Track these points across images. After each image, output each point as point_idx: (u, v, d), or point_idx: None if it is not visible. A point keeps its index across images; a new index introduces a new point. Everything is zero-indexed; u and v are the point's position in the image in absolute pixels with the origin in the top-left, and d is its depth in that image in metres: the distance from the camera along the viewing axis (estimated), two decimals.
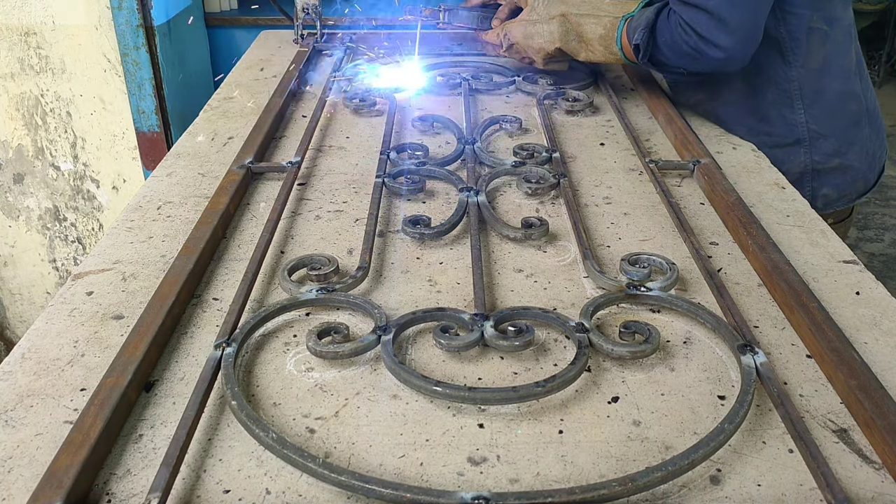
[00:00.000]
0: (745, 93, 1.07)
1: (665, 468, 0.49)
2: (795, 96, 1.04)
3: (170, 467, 0.49)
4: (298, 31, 1.47)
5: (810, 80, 1.03)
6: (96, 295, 0.70)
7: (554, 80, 1.22)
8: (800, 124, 1.05)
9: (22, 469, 0.51)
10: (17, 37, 1.76)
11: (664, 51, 1.01)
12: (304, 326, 0.66)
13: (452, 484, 0.51)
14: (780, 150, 1.06)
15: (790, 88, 1.04)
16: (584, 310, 0.65)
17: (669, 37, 0.99)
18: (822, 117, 1.05)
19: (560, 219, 0.84)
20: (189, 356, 0.62)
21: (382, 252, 0.78)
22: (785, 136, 1.06)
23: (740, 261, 0.77)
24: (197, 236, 0.75)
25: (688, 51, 0.98)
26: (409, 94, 1.19)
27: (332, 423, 0.56)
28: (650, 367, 0.62)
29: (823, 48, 1.02)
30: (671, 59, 1.02)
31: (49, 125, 1.85)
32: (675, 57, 1.01)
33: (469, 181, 0.88)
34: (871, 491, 0.50)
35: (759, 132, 1.06)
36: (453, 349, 0.62)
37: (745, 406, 0.54)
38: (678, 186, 0.92)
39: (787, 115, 1.05)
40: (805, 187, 1.07)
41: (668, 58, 1.02)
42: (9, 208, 1.96)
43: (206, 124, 1.09)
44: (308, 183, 0.92)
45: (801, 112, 1.04)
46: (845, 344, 0.60)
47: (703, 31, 0.95)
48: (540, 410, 0.57)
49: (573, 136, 1.06)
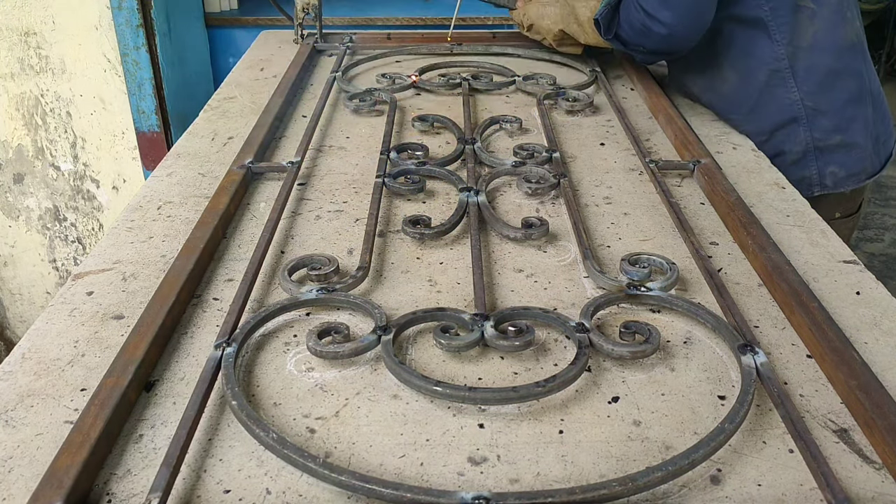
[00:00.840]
0: (737, 79, 1.08)
1: (665, 468, 0.49)
2: (787, 74, 1.05)
3: (170, 467, 0.49)
4: (298, 31, 1.46)
5: (801, 58, 1.04)
6: (96, 295, 0.70)
7: (553, 80, 1.22)
8: (795, 102, 1.05)
9: (22, 469, 0.51)
10: (17, 37, 1.76)
11: (625, 28, 1.08)
12: (304, 326, 0.66)
13: (453, 484, 0.51)
14: (780, 131, 1.06)
15: (781, 67, 1.05)
16: (585, 310, 0.65)
17: (626, 14, 1.06)
18: (817, 93, 1.05)
19: (560, 219, 0.84)
20: (189, 356, 0.62)
21: (382, 252, 0.78)
22: (782, 115, 1.06)
23: (740, 261, 0.77)
24: (197, 236, 0.75)
25: (639, 28, 1.05)
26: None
27: (333, 423, 0.56)
28: (650, 367, 0.62)
29: (812, 25, 1.04)
30: (630, 37, 1.08)
31: (49, 125, 1.85)
32: (632, 34, 1.07)
33: (469, 181, 0.88)
34: (872, 491, 0.50)
35: (758, 115, 1.07)
36: (453, 349, 0.62)
37: (746, 406, 0.54)
38: (678, 186, 0.92)
39: (781, 95, 1.06)
40: (811, 166, 1.07)
41: (628, 35, 1.08)
42: (9, 208, 1.96)
43: (206, 124, 1.09)
44: (308, 183, 0.92)
45: (795, 90, 1.05)
46: (845, 344, 0.60)
47: (647, 6, 1.02)
48: (540, 410, 0.57)
49: (573, 136, 1.06)
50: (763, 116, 1.07)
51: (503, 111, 1.13)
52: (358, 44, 1.45)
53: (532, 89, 1.20)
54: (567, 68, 1.34)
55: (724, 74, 1.10)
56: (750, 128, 1.08)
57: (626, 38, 1.09)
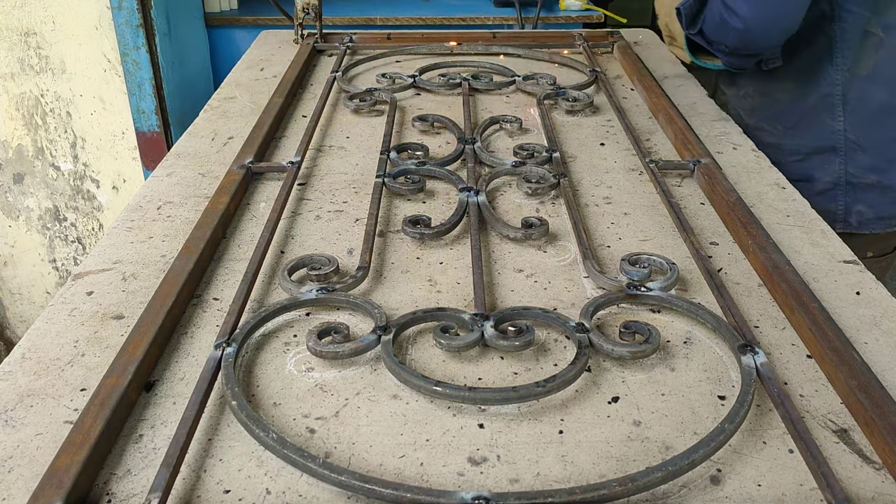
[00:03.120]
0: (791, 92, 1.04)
1: (665, 468, 0.49)
2: (837, 101, 1.01)
3: (170, 467, 0.49)
4: (298, 31, 1.46)
5: (855, 87, 1.00)
6: (96, 295, 0.70)
7: (553, 80, 1.22)
8: (837, 132, 1.01)
9: (22, 469, 0.51)
10: (17, 37, 1.76)
11: (707, 21, 1.00)
12: (304, 326, 0.66)
13: (452, 484, 0.51)
14: (815, 157, 1.02)
15: (833, 93, 1.00)
16: (585, 310, 0.65)
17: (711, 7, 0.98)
18: (861, 127, 1.01)
19: (560, 219, 0.84)
20: (189, 356, 0.62)
21: (382, 252, 0.78)
22: (821, 142, 1.02)
23: (740, 261, 0.77)
24: (197, 236, 0.75)
25: (718, 20, 0.97)
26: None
27: (333, 423, 0.56)
28: (650, 367, 0.62)
29: (875, 55, 0.99)
30: (711, 31, 1.00)
31: (49, 125, 1.85)
32: (712, 28, 0.99)
33: (469, 181, 0.88)
34: (872, 491, 0.50)
35: (798, 135, 1.03)
36: (453, 349, 0.62)
37: (746, 406, 0.54)
38: (678, 186, 0.92)
39: (825, 121, 1.02)
40: (838, 200, 1.03)
41: (709, 29, 1.00)
42: (9, 208, 1.96)
43: (206, 124, 1.09)
44: (308, 183, 0.92)
45: (841, 119, 1.01)
46: (845, 344, 0.60)
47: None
48: (540, 410, 0.57)
49: (573, 136, 1.06)
50: (802, 137, 1.03)
51: (503, 111, 1.13)
52: (358, 44, 1.45)
53: (532, 89, 1.20)
54: (567, 68, 1.34)
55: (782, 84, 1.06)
56: (787, 143, 1.04)
57: (708, 34, 1.02)
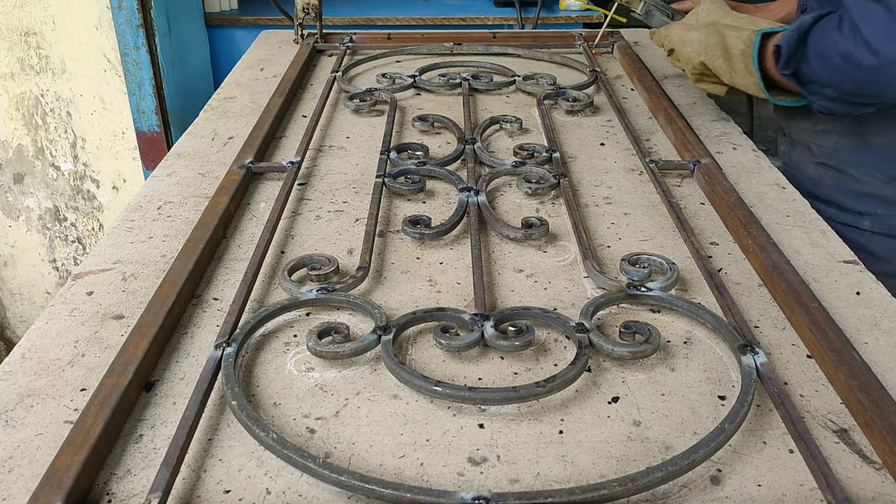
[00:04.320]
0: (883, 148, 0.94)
1: (665, 468, 0.49)
2: None
3: (170, 467, 0.49)
4: (298, 31, 1.46)
5: None
6: (96, 295, 0.70)
7: (553, 80, 1.22)
8: None
9: (22, 469, 0.51)
10: (17, 37, 1.76)
11: (813, 60, 0.85)
12: (304, 326, 0.66)
13: (452, 484, 0.51)
14: None
15: None
16: (585, 310, 0.65)
17: (824, 43, 0.84)
18: None
19: (560, 219, 0.84)
20: (189, 356, 0.62)
21: (382, 252, 0.78)
22: None
23: (740, 261, 0.77)
24: (197, 236, 0.75)
25: (837, 59, 0.82)
26: None
27: (333, 423, 0.56)
28: (650, 368, 0.62)
29: None
30: (817, 72, 0.85)
31: (49, 125, 1.85)
32: (822, 69, 0.85)
33: (469, 181, 0.88)
34: (872, 491, 0.50)
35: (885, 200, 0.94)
36: (453, 349, 0.62)
37: (746, 406, 0.54)
38: (678, 186, 0.92)
39: None
40: None
41: (814, 69, 0.86)
42: (9, 208, 1.96)
43: (206, 124, 1.09)
44: (308, 183, 0.92)
45: None
46: (845, 344, 0.60)
47: (867, 30, 0.78)
48: (540, 410, 0.57)
49: (573, 136, 1.06)
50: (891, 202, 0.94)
51: (503, 111, 1.13)
52: (358, 44, 1.45)
53: (532, 89, 1.20)
54: (567, 68, 1.34)
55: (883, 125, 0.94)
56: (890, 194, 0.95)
57: (810, 75, 0.87)
